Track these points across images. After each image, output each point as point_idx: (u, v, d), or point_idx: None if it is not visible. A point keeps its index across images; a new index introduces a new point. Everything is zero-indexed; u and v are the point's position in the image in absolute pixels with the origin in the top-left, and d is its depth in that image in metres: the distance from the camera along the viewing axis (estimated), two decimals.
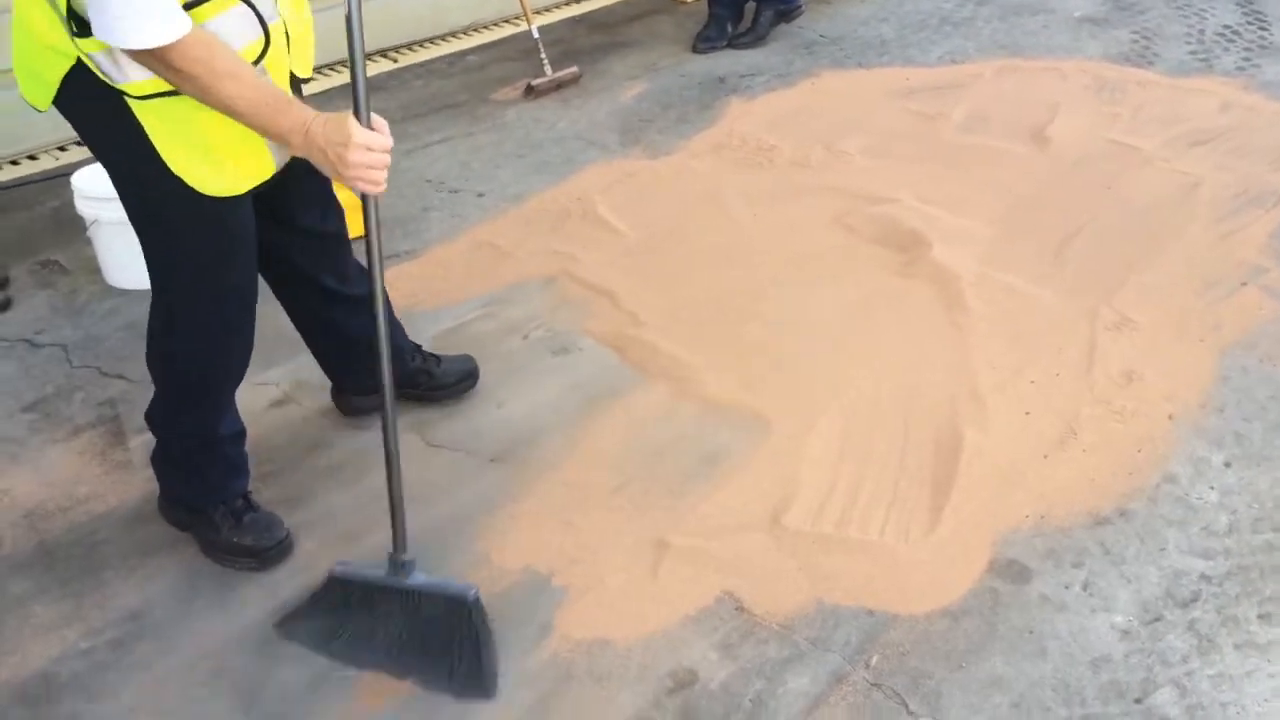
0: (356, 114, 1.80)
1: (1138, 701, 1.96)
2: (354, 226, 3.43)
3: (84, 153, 3.87)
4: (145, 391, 2.70)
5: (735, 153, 3.90)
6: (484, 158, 3.92)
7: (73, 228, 3.31)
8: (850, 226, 3.41)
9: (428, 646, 2.00)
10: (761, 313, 3.02)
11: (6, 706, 1.94)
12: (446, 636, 1.99)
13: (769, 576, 2.21)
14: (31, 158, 3.87)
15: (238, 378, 2.23)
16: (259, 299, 2.16)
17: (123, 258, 3.13)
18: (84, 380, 2.77)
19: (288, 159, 1.96)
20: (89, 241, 3.17)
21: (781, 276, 3.17)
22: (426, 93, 4.45)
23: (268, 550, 2.23)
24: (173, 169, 1.86)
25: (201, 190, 1.89)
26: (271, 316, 3.02)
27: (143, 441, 2.56)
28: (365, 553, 2.25)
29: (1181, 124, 4.02)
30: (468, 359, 2.74)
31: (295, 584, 2.19)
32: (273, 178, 1.98)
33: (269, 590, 2.18)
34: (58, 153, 3.90)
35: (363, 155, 1.79)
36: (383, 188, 1.85)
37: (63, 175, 3.51)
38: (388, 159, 1.83)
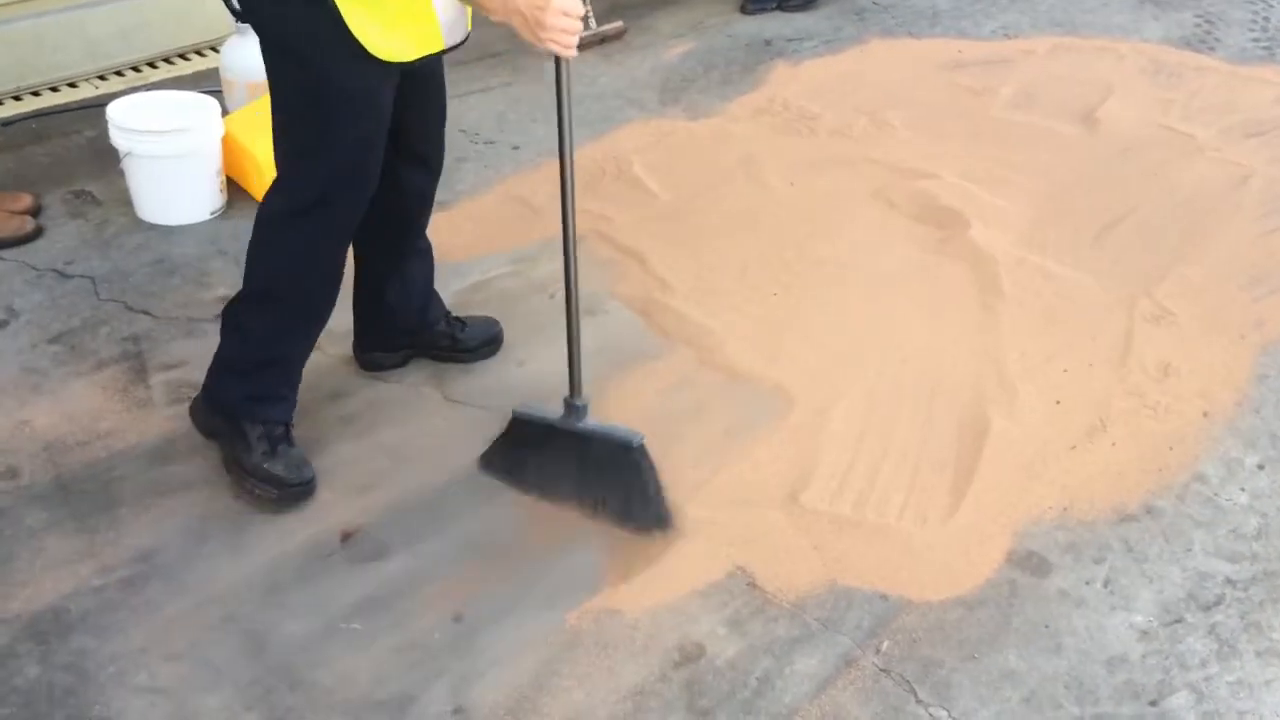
0: None
1: (1152, 704, 1.93)
2: None
3: (123, 83, 3.86)
4: (169, 330, 2.71)
5: (776, 118, 3.83)
6: (521, 110, 3.87)
7: (107, 159, 3.30)
8: (888, 201, 3.35)
9: (602, 485, 2.21)
10: (791, 284, 2.98)
11: (18, 639, 1.95)
12: (617, 477, 2.20)
13: (783, 554, 2.18)
14: (71, 85, 3.86)
15: (333, 290, 2.28)
16: None
17: (155, 192, 3.12)
18: (110, 314, 2.77)
19: (458, 40, 2.12)
20: (122, 174, 3.16)
21: (814, 248, 3.12)
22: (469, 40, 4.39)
23: (293, 486, 2.24)
24: (350, 28, 1.94)
25: (374, 52, 1.97)
26: None
27: (164, 380, 2.56)
28: (378, 505, 2.25)
29: (1237, 113, 3.92)
30: (492, 324, 2.72)
31: (307, 533, 2.19)
32: (423, 68, 2.12)
33: (280, 537, 2.17)
34: (97, 81, 3.88)
35: (559, 19, 1.89)
36: (574, 51, 1.95)
37: (99, 105, 3.49)
38: (580, 25, 1.93)
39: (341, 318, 2.77)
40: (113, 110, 3.09)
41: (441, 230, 3.17)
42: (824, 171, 3.51)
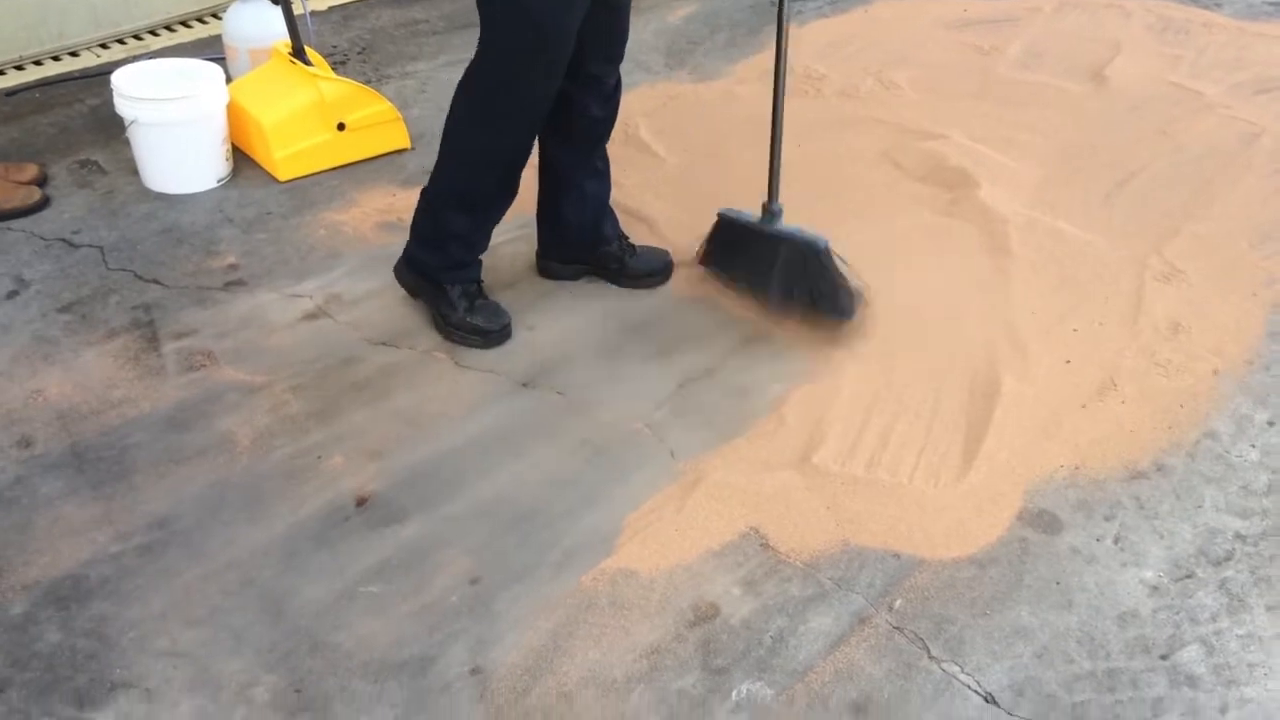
0: None
1: (1163, 658, 1.94)
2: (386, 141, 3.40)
3: (125, 51, 3.85)
4: (179, 298, 2.72)
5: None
6: None
7: (112, 127, 3.30)
8: (896, 162, 3.33)
9: (795, 278, 2.58)
10: None
11: (38, 605, 1.97)
12: (806, 272, 2.57)
13: (796, 515, 2.19)
14: (73, 54, 3.84)
15: (513, 176, 2.51)
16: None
17: (161, 160, 3.12)
18: (119, 283, 2.77)
19: None
20: (128, 142, 3.15)
21: (823, 210, 3.11)
22: (470, 3, 4.36)
23: (494, 332, 2.57)
24: None
25: None
26: (307, 228, 3.02)
27: (176, 348, 2.57)
28: (391, 470, 2.26)
29: (1246, 70, 3.89)
30: (663, 254, 2.86)
31: (323, 498, 2.20)
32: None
33: (297, 503, 2.19)
34: (99, 50, 3.87)
35: None
36: None
37: (103, 74, 3.48)
38: None
39: (349, 283, 2.78)
40: (117, 78, 3.08)
41: None
42: (831, 133, 3.50)
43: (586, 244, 2.76)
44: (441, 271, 2.56)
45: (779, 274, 2.60)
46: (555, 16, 2.27)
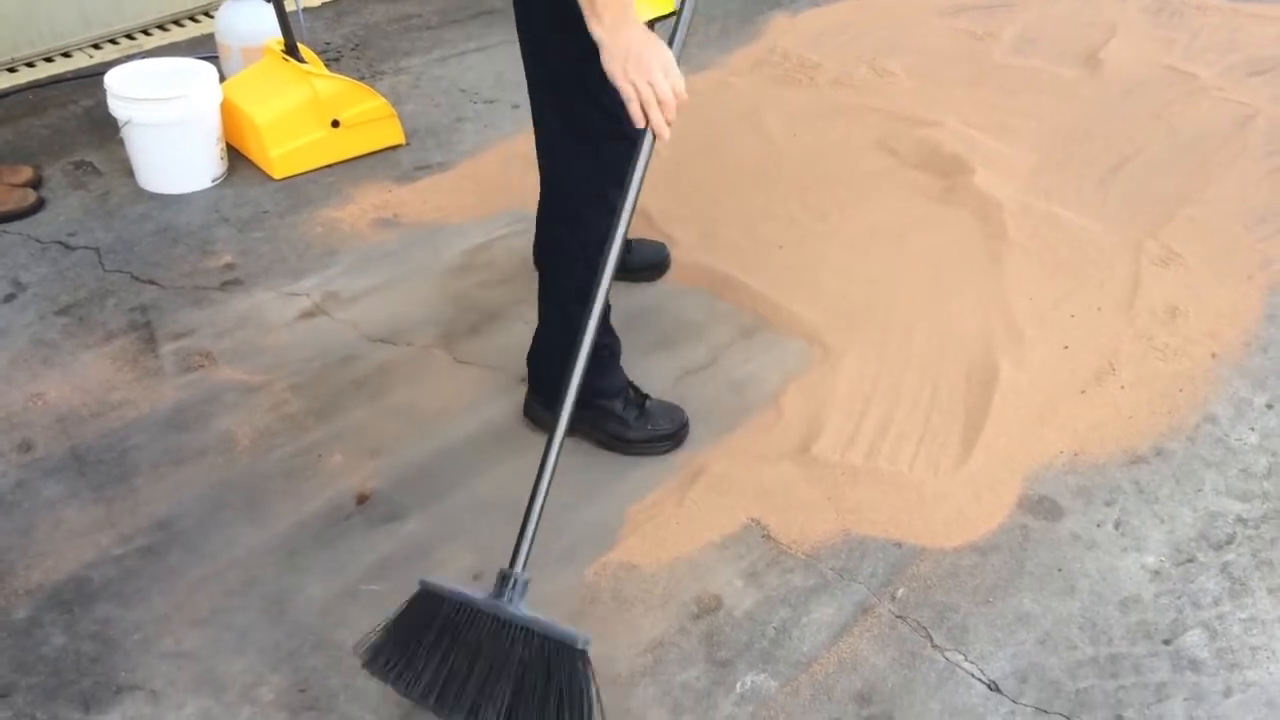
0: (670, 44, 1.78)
1: (1166, 643, 1.95)
2: (376, 139, 3.40)
3: (117, 51, 3.83)
4: (177, 299, 2.71)
5: (776, 69, 3.80)
6: (520, 68, 3.83)
7: (106, 128, 3.29)
8: (891, 149, 3.33)
9: (523, 697, 1.63)
10: (797, 237, 2.97)
11: (42, 609, 1.97)
12: (547, 688, 1.63)
13: (796, 506, 2.20)
14: (65, 55, 3.83)
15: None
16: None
17: (155, 160, 3.11)
18: (116, 285, 2.77)
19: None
20: (122, 143, 3.15)
21: (818, 199, 3.11)
22: (462, 0, 4.36)
23: (679, 431, 2.32)
24: None
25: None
26: (303, 226, 3.02)
27: (174, 349, 2.56)
28: (391, 467, 2.26)
29: (1240, 52, 3.89)
30: (660, 248, 2.80)
31: (323, 496, 2.20)
32: None
33: (297, 502, 2.19)
34: (92, 50, 3.86)
35: (660, 80, 1.75)
36: (667, 136, 1.80)
37: (96, 74, 3.47)
38: (674, 114, 1.78)
39: (347, 281, 2.78)
40: (111, 79, 3.07)
41: (443, 191, 3.17)
42: (826, 122, 3.49)
43: None
44: (596, 384, 2.24)
45: (507, 683, 1.64)
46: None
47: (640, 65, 1.76)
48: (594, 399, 2.28)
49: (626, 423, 2.30)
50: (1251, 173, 3.23)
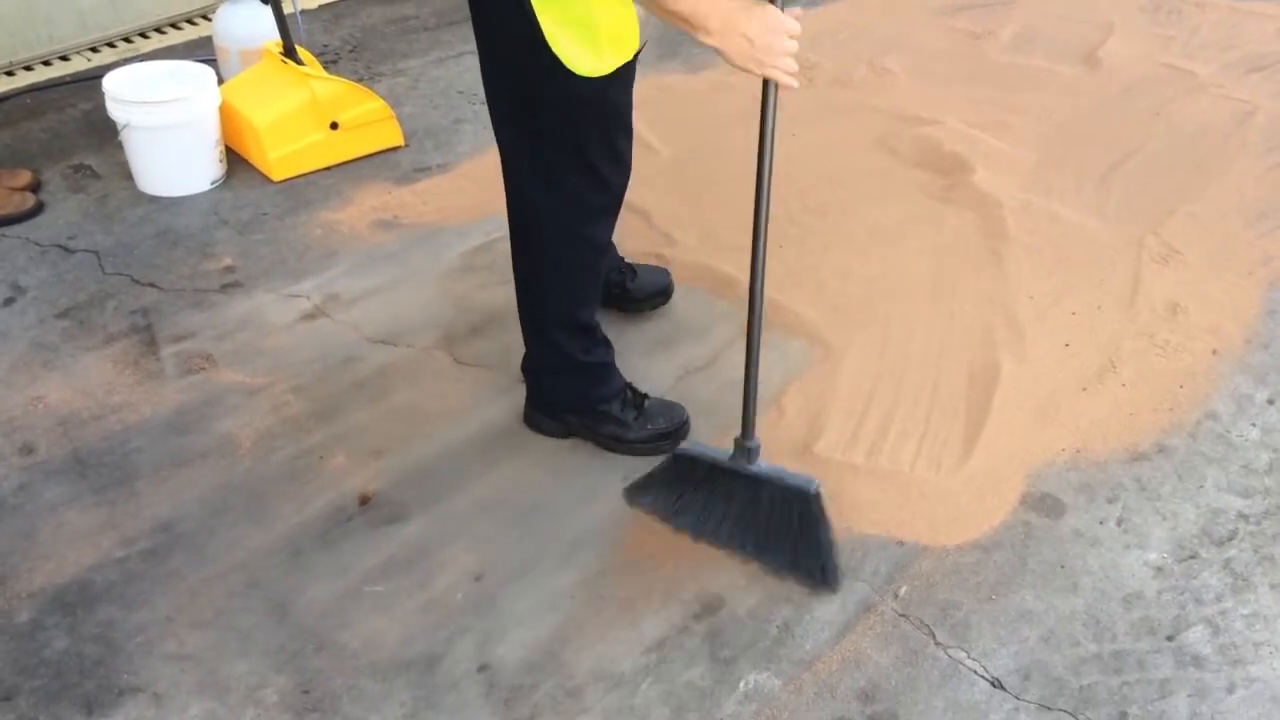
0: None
1: (1169, 639, 1.95)
2: (372, 142, 3.39)
3: (115, 54, 3.83)
4: (177, 301, 2.71)
5: None
6: None
7: (104, 131, 3.29)
8: (891, 148, 3.33)
9: (770, 532, 2.04)
10: (797, 236, 2.97)
11: (45, 612, 1.97)
12: (788, 524, 2.02)
13: None
14: (63, 58, 3.83)
15: (605, 256, 2.25)
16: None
17: (154, 163, 3.11)
18: (116, 288, 2.77)
19: (645, 38, 1.94)
20: (121, 146, 3.15)
21: (819, 199, 3.11)
22: (459, 1, 4.35)
23: (679, 428, 2.31)
24: (553, 49, 1.80)
25: (576, 71, 1.83)
26: (302, 228, 3.02)
27: (174, 351, 2.56)
28: (393, 468, 2.26)
29: (1239, 49, 3.89)
30: (664, 274, 2.72)
31: (326, 498, 2.20)
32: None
33: (299, 504, 2.19)
34: (90, 54, 3.86)
35: (786, 43, 1.73)
36: (796, 82, 1.80)
37: (94, 78, 3.47)
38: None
39: (347, 283, 2.78)
40: (109, 82, 3.07)
41: (443, 192, 3.17)
42: (825, 121, 3.49)
43: None
44: (590, 393, 2.28)
45: (756, 524, 2.07)
46: (626, 101, 2.04)
47: (769, 50, 1.73)
48: (592, 405, 2.28)
49: (625, 424, 2.29)
50: (1251, 169, 3.23)
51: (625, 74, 1.96)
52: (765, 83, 1.83)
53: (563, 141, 1.99)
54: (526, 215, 2.13)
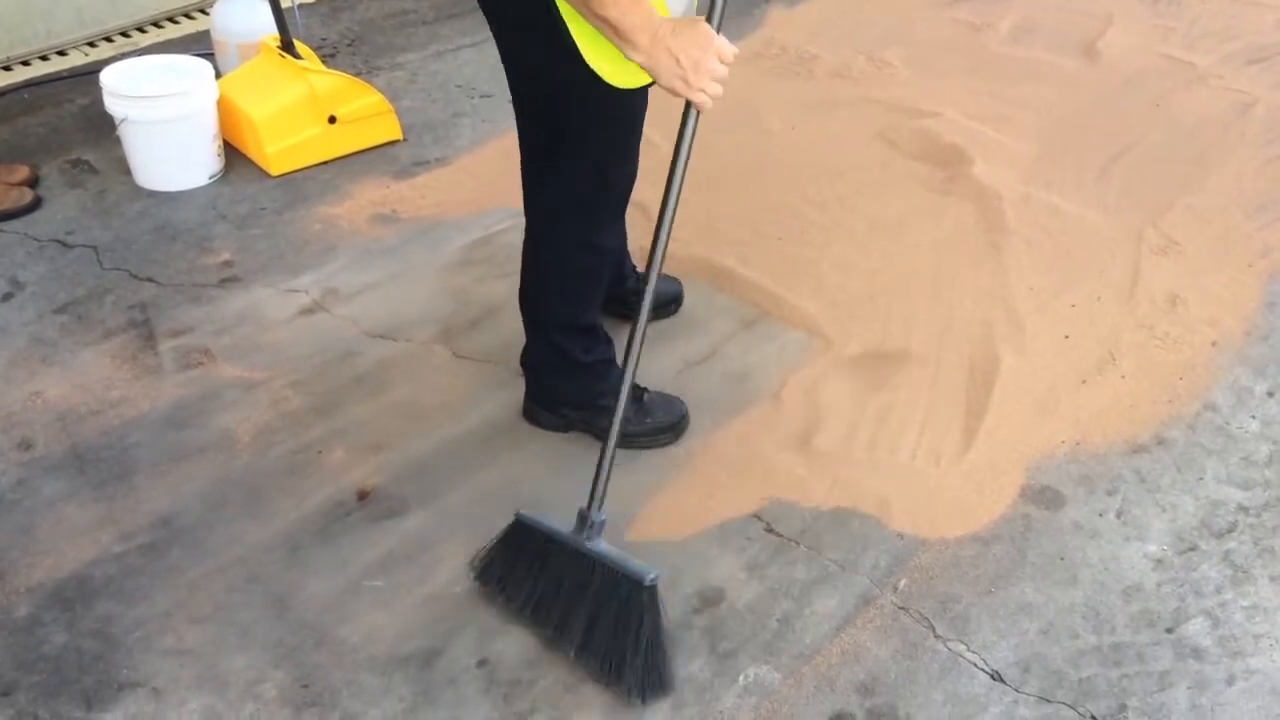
0: (709, 19, 1.70)
1: (1169, 631, 1.95)
2: (371, 135, 3.38)
3: (112, 49, 3.82)
4: (175, 296, 2.71)
5: (774, 62, 3.79)
6: None
7: (102, 126, 3.28)
8: (890, 141, 3.33)
9: (596, 623, 1.83)
10: (796, 229, 2.97)
11: (43, 607, 1.97)
12: (616, 616, 1.81)
13: (798, 497, 2.19)
14: (61, 53, 3.82)
15: (610, 260, 2.24)
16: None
17: (152, 158, 3.10)
18: (115, 283, 2.77)
19: None
20: (118, 141, 3.14)
21: (818, 191, 3.11)
22: None
23: (679, 422, 2.30)
24: (586, 61, 1.78)
25: (613, 84, 1.81)
26: (301, 222, 3.01)
27: (173, 346, 2.56)
28: (392, 463, 2.25)
29: (1238, 40, 3.88)
30: (674, 282, 2.68)
31: (325, 493, 2.20)
32: None
33: (298, 499, 2.18)
34: (87, 49, 3.85)
35: (717, 65, 1.70)
36: (710, 104, 1.76)
37: (91, 73, 3.47)
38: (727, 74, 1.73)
39: (346, 278, 2.78)
40: (106, 76, 3.06)
41: (442, 186, 3.17)
42: (824, 114, 3.49)
43: (609, 287, 2.50)
44: (590, 389, 2.27)
45: (583, 611, 1.85)
46: (636, 103, 2.01)
47: (697, 69, 1.70)
48: (591, 400, 2.28)
49: (624, 417, 2.28)
50: (1251, 161, 3.22)
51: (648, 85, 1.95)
52: (686, 104, 1.77)
53: (581, 149, 2.00)
54: (539, 218, 2.15)
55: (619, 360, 2.09)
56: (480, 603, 1.99)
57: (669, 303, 2.67)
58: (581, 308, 2.24)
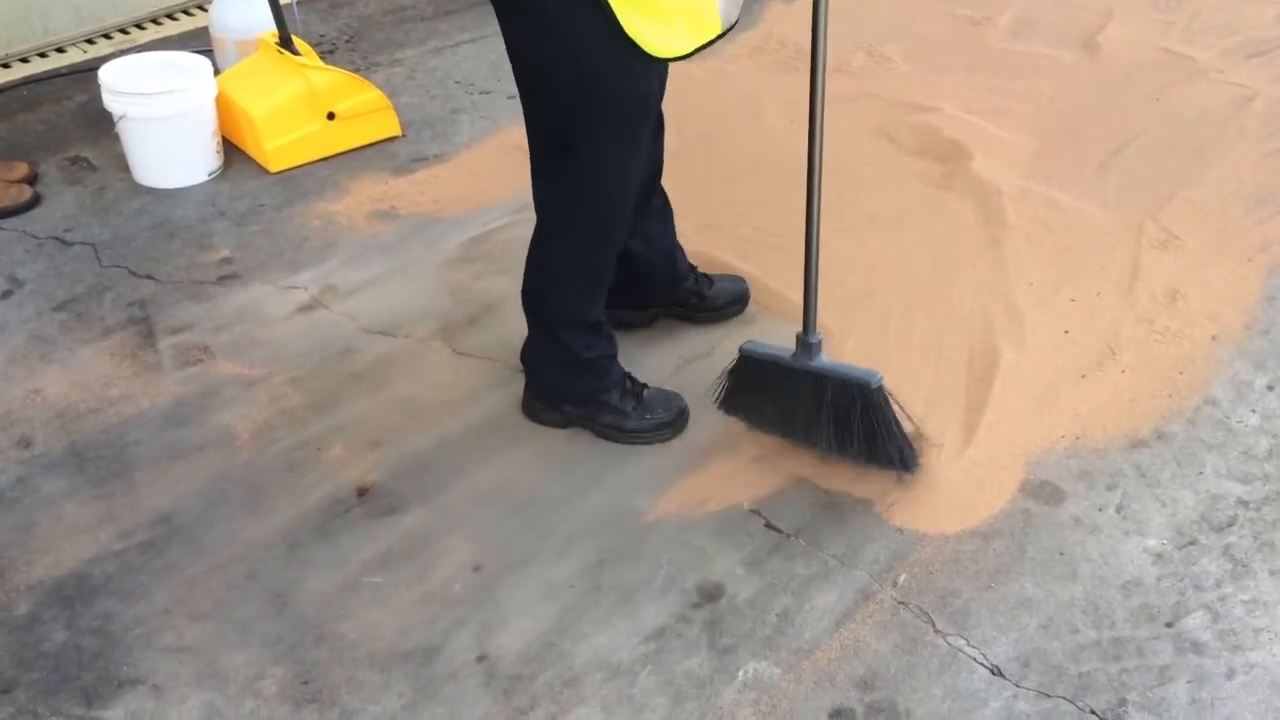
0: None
1: (1169, 625, 1.95)
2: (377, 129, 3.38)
3: (111, 46, 3.82)
4: (174, 294, 2.71)
5: (773, 57, 3.79)
6: None
7: (101, 123, 3.28)
8: (890, 136, 3.32)
9: (840, 427, 2.15)
10: (796, 224, 2.95)
11: (43, 605, 1.97)
12: (855, 417, 2.13)
13: (798, 493, 2.19)
14: (59, 50, 3.82)
15: (620, 245, 2.23)
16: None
17: (151, 155, 3.10)
18: (114, 280, 2.77)
19: (734, 19, 1.92)
20: (117, 138, 3.14)
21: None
22: None
23: (678, 420, 2.31)
24: (626, 30, 1.79)
25: (650, 51, 1.82)
26: (300, 219, 3.01)
27: (172, 343, 2.56)
28: (391, 459, 2.25)
29: (1238, 34, 3.87)
30: (740, 281, 2.66)
31: (324, 490, 2.20)
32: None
33: (297, 496, 2.19)
34: (85, 46, 3.84)
35: None
36: None
37: (90, 70, 3.47)
38: None
39: (345, 274, 2.78)
40: (104, 73, 3.06)
41: (441, 183, 3.17)
42: (824, 108, 3.47)
43: (663, 286, 2.55)
44: (590, 385, 2.28)
45: (825, 419, 2.17)
46: (653, 87, 2.03)
47: None
48: (592, 396, 2.28)
49: (624, 413, 2.29)
50: (1251, 155, 3.22)
51: (664, 68, 1.96)
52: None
53: (592, 141, 2.00)
54: (547, 212, 2.15)
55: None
56: (480, 597, 1.99)
57: (734, 301, 2.64)
58: (587, 303, 2.23)
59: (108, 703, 1.81)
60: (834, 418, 2.15)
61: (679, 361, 2.53)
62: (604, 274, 2.23)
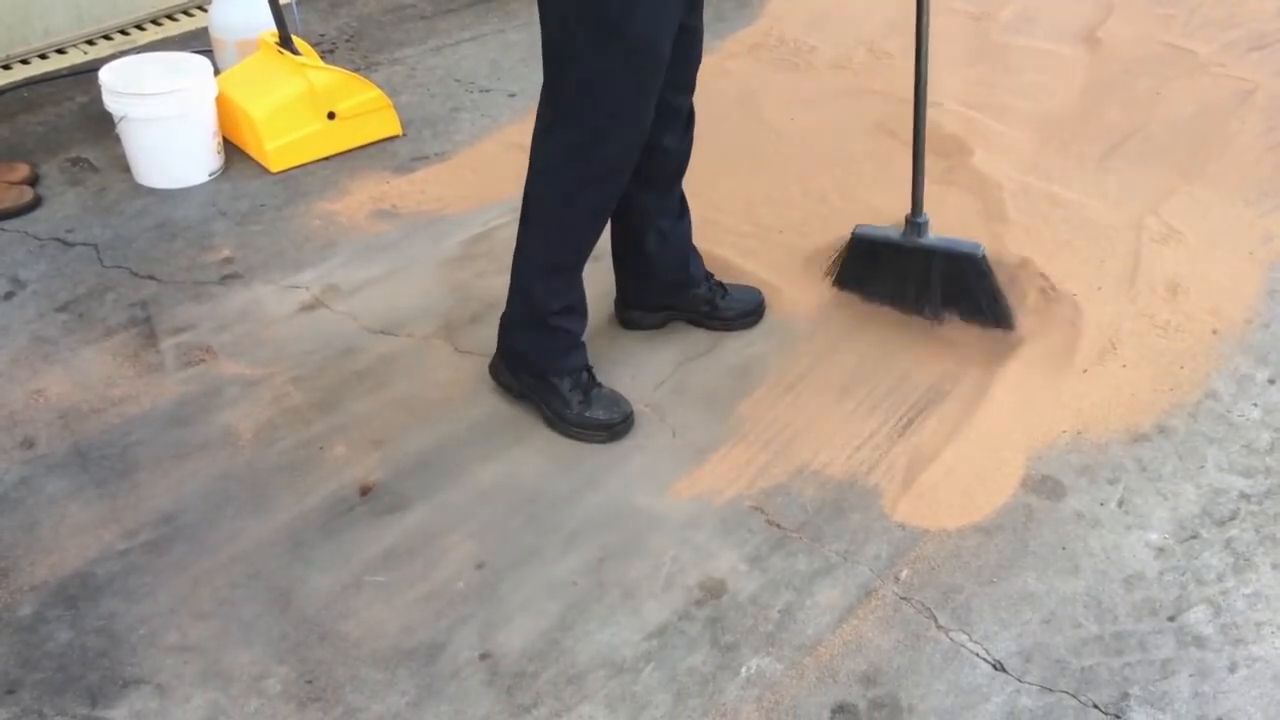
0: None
1: (1171, 619, 1.95)
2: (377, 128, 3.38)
3: (111, 47, 3.83)
4: (176, 294, 2.71)
5: (773, 53, 3.79)
6: (515, 56, 3.83)
7: (101, 124, 3.28)
8: (890, 131, 3.32)
9: (950, 293, 2.51)
10: (797, 220, 2.96)
11: (47, 605, 1.98)
12: (964, 283, 2.49)
13: (800, 489, 2.19)
14: (59, 51, 3.82)
15: (600, 230, 2.28)
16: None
17: (152, 155, 3.11)
18: (115, 280, 2.77)
19: None
20: (118, 139, 3.14)
21: (818, 183, 3.10)
22: None
23: (618, 424, 2.31)
24: None
25: None
26: (301, 218, 3.01)
27: (174, 344, 2.56)
28: (394, 458, 2.26)
29: (1239, 27, 3.86)
30: (755, 293, 2.64)
31: (327, 488, 2.20)
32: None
33: (300, 494, 2.19)
34: (86, 47, 3.85)
35: None
36: None
37: (90, 70, 3.47)
38: None
39: (347, 274, 2.78)
40: (105, 74, 3.06)
41: (441, 182, 3.17)
42: (824, 105, 3.48)
43: (673, 288, 2.55)
44: (548, 360, 2.31)
45: (937, 289, 2.52)
46: (659, 33, 2.07)
47: None
48: (547, 374, 2.31)
49: (569, 404, 2.30)
50: (1251, 148, 3.21)
51: (672, 25, 2.08)
52: None
53: (590, 98, 2.06)
54: (537, 157, 2.20)
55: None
56: (483, 595, 1.99)
57: (748, 313, 2.61)
58: (564, 251, 2.26)
59: (112, 702, 1.82)
60: (942, 285, 2.49)
61: (680, 359, 2.53)
62: (584, 229, 2.24)
